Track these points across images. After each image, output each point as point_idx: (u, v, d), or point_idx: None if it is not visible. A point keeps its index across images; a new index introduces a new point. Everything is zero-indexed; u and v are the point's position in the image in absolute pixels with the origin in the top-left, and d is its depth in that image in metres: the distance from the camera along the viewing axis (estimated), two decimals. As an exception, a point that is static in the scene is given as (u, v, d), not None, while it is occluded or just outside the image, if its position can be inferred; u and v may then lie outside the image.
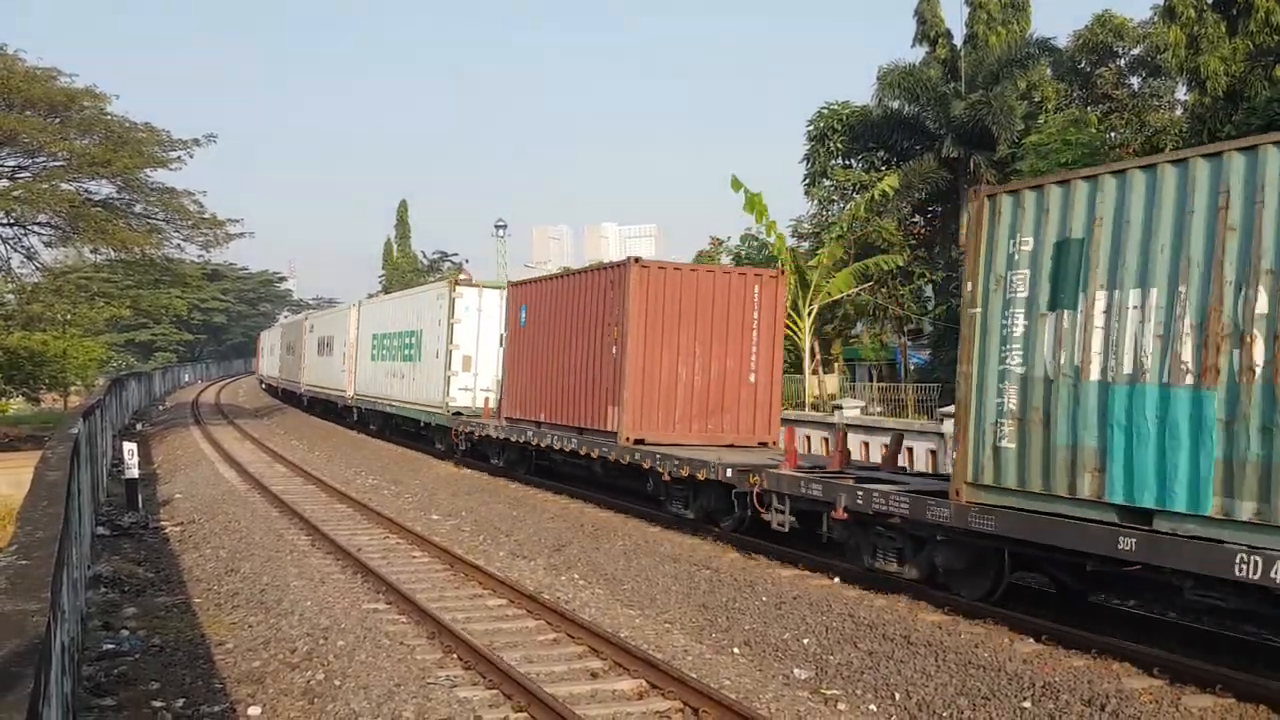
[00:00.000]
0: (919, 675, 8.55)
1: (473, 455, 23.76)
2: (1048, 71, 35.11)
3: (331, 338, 38.59)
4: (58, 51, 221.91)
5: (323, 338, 40.56)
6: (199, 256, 38.77)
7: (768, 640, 9.65)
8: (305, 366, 43.81)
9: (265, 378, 62.82)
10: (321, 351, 40.63)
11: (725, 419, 16.85)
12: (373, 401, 31.54)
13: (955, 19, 37.47)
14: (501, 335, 23.12)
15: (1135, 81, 35.08)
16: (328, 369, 38.97)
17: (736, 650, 9.49)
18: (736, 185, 27.46)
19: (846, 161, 36.31)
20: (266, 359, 63.14)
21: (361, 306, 35.75)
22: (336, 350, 37.24)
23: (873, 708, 8.04)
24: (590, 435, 17.69)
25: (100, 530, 15.05)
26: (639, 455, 15.90)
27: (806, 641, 9.54)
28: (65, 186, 31.38)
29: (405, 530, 15.28)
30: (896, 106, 34.79)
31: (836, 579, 11.91)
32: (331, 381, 37.88)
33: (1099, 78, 34.93)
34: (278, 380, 54.28)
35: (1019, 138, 30.63)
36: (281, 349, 53.63)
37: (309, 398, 42.85)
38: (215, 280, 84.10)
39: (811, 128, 36.30)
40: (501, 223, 71.31)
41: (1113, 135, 31.02)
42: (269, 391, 58.74)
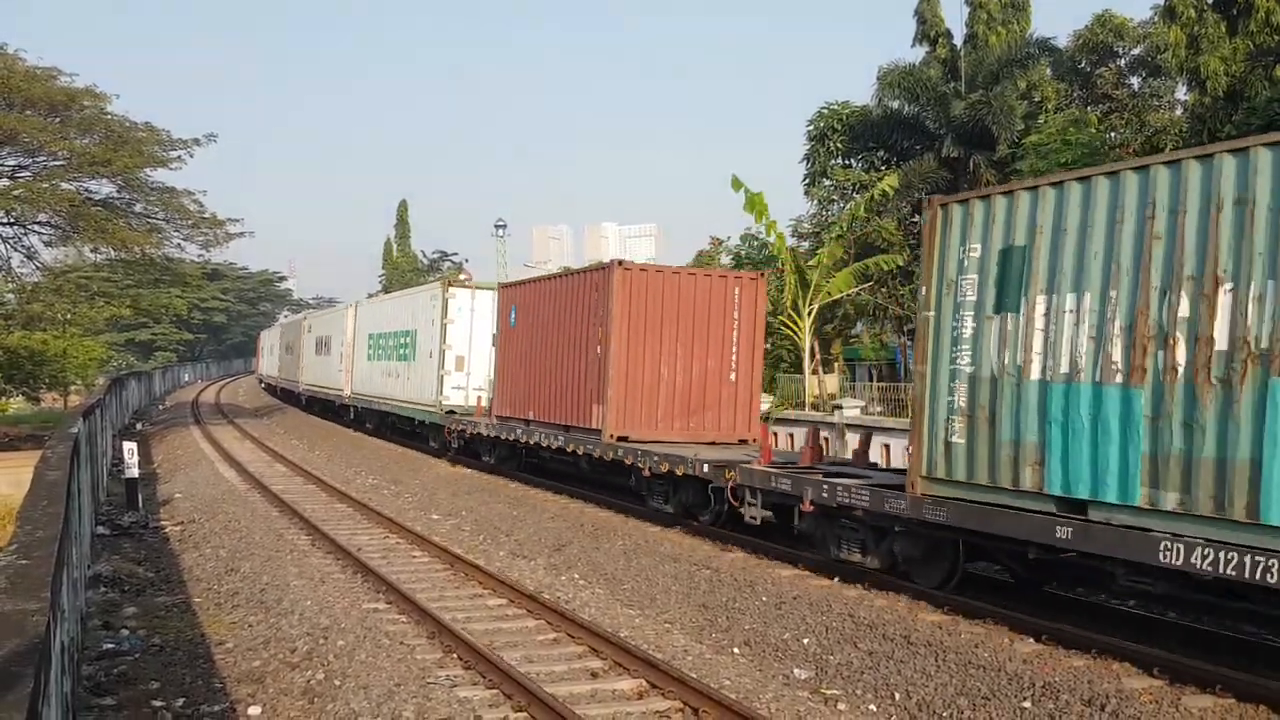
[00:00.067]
0: (919, 675, 8.55)
1: (465, 453, 24.10)
2: (1048, 71, 35.10)
3: (329, 338, 38.79)
4: (58, 51, 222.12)
5: (320, 337, 40.78)
6: (199, 256, 38.85)
7: (768, 640, 9.65)
8: (304, 366, 44.01)
9: (265, 377, 62.91)
10: (319, 351, 40.86)
11: (707, 417, 17.32)
12: (369, 400, 31.77)
13: (955, 19, 37.50)
14: (494, 335, 23.38)
15: (1135, 81, 35.08)
16: (325, 368, 39.16)
17: (736, 650, 9.50)
18: (737, 185, 27.46)
19: (846, 161, 36.27)
20: (266, 359, 63.29)
21: (358, 307, 35.98)
22: (334, 350, 37.44)
23: (872, 707, 8.04)
24: (576, 433, 18.06)
25: (100, 530, 15.05)
26: (621, 452, 16.30)
27: (806, 641, 9.54)
28: (65, 186, 31.39)
29: (405, 530, 15.28)
30: (896, 106, 34.77)
31: (836, 579, 11.91)
32: (329, 381, 38.08)
33: (1099, 78, 34.92)
34: (277, 380, 54.53)
35: (1019, 138, 30.62)
36: (281, 349, 53.88)
37: (307, 397, 43.15)
38: (215, 280, 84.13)
39: (811, 127, 36.27)
40: (501, 222, 71.40)
41: (1113, 135, 31.01)
42: (269, 391, 58.76)
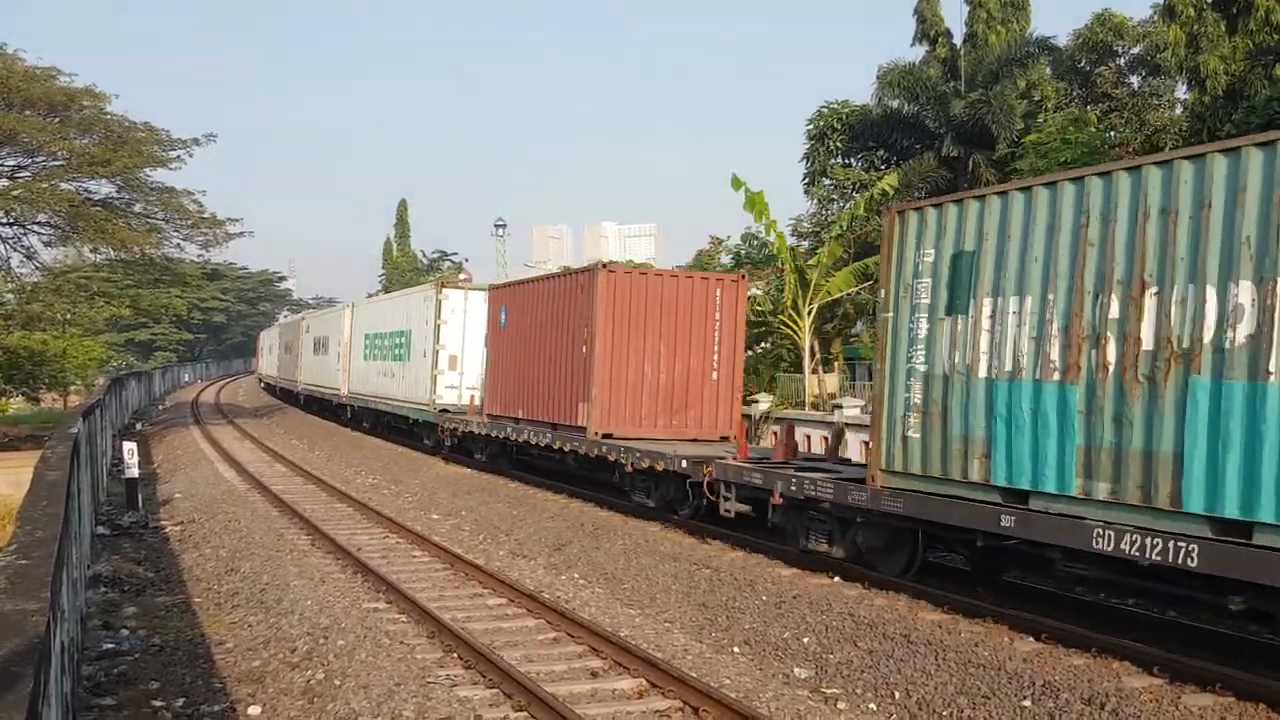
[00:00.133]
0: (919, 674, 8.55)
1: (458, 451, 24.50)
2: (1047, 70, 35.06)
3: (327, 338, 39.15)
4: (58, 51, 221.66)
5: (318, 338, 41.17)
6: (199, 256, 38.89)
7: (768, 639, 9.65)
8: (302, 366, 44.39)
9: (264, 377, 63.03)
10: (317, 351, 41.26)
11: (689, 414, 17.87)
12: (365, 400, 32.14)
13: (955, 18, 37.36)
14: (486, 335, 23.72)
15: (1135, 80, 35.05)
16: (323, 368, 39.52)
17: (736, 649, 9.50)
18: (737, 184, 27.42)
19: (846, 160, 36.24)
20: (266, 359, 63.47)
21: (355, 308, 36.39)
22: (331, 350, 37.85)
23: (872, 706, 8.04)
24: (563, 430, 18.54)
25: (100, 530, 15.04)
26: (606, 449, 16.87)
27: (806, 640, 9.54)
28: (65, 186, 31.38)
29: (405, 530, 15.28)
30: (896, 105, 34.74)
31: (836, 578, 11.92)
32: (327, 380, 38.47)
33: (1099, 77, 34.89)
34: (276, 379, 54.88)
35: (1018, 137, 30.59)
36: (280, 349, 54.33)
37: (305, 396, 43.52)
38: (215, 280, 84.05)
39: (811, 127, 36.24)
40: (501, 222, 71.39)
41: (1112, 134, 30.96)
42: (268, 391, 58.78)
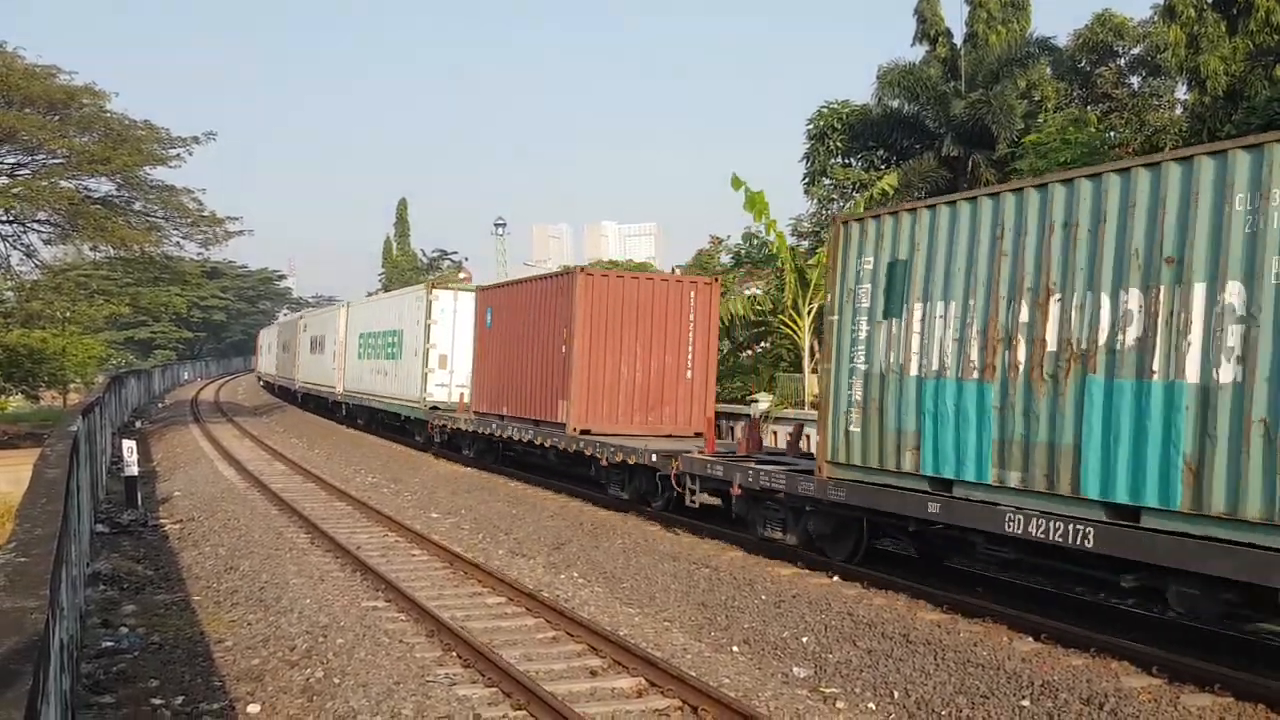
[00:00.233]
0: (918, 673, 8.56)
1: (448, 447, 25.12)
2: (1047, 70, 35.02)
3: (323, 337, 39.71)
4: (58, 51, 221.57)
5: (315, 337, 41.77)
6: (198, 254, 39.00)
7: (767, 638, 9.66)
8: (299, 364, 44.95)
9: (264, 375, 63.19)
10: (314, 350, 41.83)
11: (665, 411, 18.60)
12: (359, 397, 32.75)
13: (955, 18, 37.30)
14: (473, 335, 24.21)
15: (1135, 81, 35.02)
16: (320, 366, 40.09)
17: (735, 648, 9.50)
18: (737, 184, 27.39)
19: (846, 160, 36.19)
20: (265, 357, 63.66)
21: (350, 307, 36.99)
22: (327, 348, 38.47)
23: (871, 706, 8.04)
24: (545, 427, 19.28)
25: (99, 528, 15.04)
26: (583, 444, 17.59)
27: (805, 640, 9.55)
28: (64, 184, 31.39)
29: (404, 528, 15.28)
30: (896, 105, 34.70)
31: (835, 577, 11.93)
32: (323, 378, 39.10)
33: (1099, 77, 34.87)
34: (275, 377, 55.33)
35: (1019, 137, 30.56)
36: (278, 347, 54.91)
37: (302, 394, 44.18)
38: (215, 278, 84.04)
39: (811, 126, 36.19)
40: (501, 221, 71.58)
41: (1112, 134, 30.95)
42: (267, 389, 58.81)
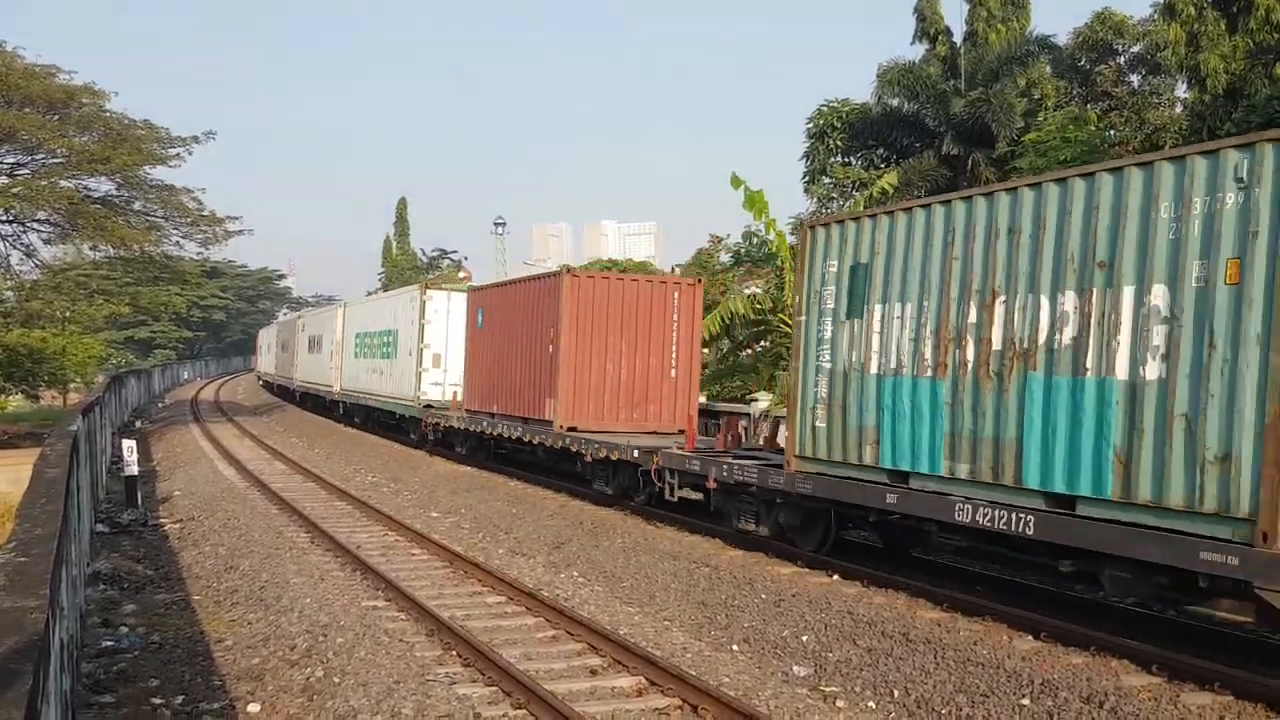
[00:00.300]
0: (918, 672, 8.56)
1: (442, 445, 25.48)
2: (1047, 69, 34.99)
3: (321, 336, 40.09)
4: (57, 51, 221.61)
5: (313, 336, 42.18)
6: (198, 254, 38.99)
7: (767, 637, 9.66)
8: (298, 364, 45.39)
9: (263, 374, 63.28)
10: (312, 349, 42.22)
11: (649, 409, 18.99)
12: (356, 396, 33.15)
13: (955, 16, 37.30)
14: (465, 335, 24.56)
15: (1135, 79, 35.00)
16: (317, 365, 40.50)
17: (735, 647, 9.50)
18: (736, 182, 27.38)
19: (846, 159, 36.16)
20: (264, 356, 63.84)
21: (346, 307, 37.42)
22: (325, 348, 38.88)
23: (871, 705, 8.04)
24: (533, 424, 19.75)
25: (99, 527, 15.04)
26: (569, 441, 18.03)
27: (805, 639, 9.55)
28: (64, 183, 31.37)
29: (404, 527, 15.28)
30: (896, 104, 34.68)
31: (835, 576, 11.93)
32: (320, 377, 39.52)
33: (1099, 75, 34.83)
34: (274, 377, 55.75)
35: (1019, 135, 30.56)
36: (277, 346, 55.29)
37: (301, 393, 44.62)
38: (214, 277, 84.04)
39: (811, 125, 36.16)
40: (501, 220, 71.65)
41: (1112, 133, 30.93)
42: (267, 388, 58.82)
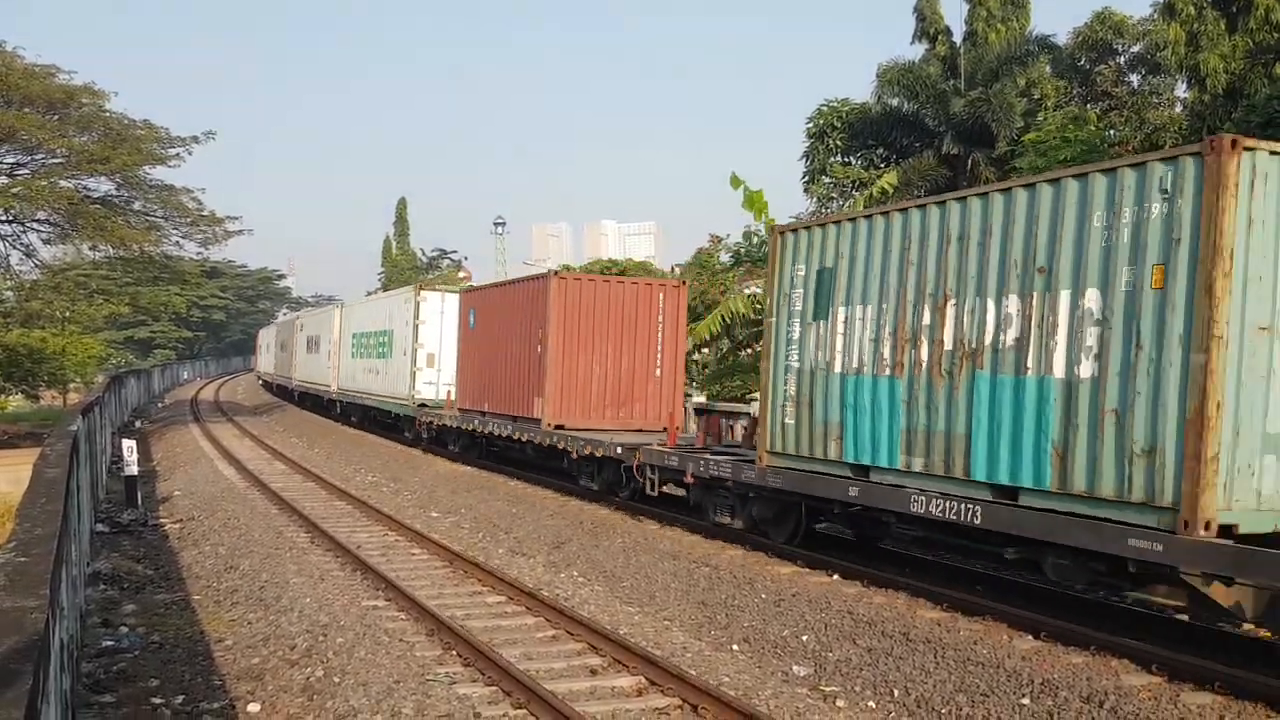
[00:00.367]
0: (918, 672, 8.56)
1: (436, 443, 25.89)
2: (1047, 69, 34.99)
3: (319, 336, 40.41)
4: (57, 51, 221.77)
5: (311, 336, 42.52)
6: (198, 254, 39.05)
7: (767, 637, 9.66)
8: (296, 364, 45.74)
9: (263, 374, 63.36)
10: (310, 349, 42.54)
11: (635, 408, 19.45)
12: (353, 395, 33.48)
13: (955, 16, 37.27)
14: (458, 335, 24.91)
15: (1135, 79, 35.00)
16: (316, 365, 40.81)
17: (735, 647, 9.50)
18: (736, 182, 27.37)
19: (846, 159, 36.16)
20: (264, 356, 64.03)
21: (343, 308, 37.82)
22: (323, 348, 39.23)
23: (871, 704, 8.04)
24: (522, 422, 20.16)
25: (99, 527, 15.04)
26: (556, 438, 18.48)
27: (805, 638, 9.55)
28: (64, 183, 31.38)
29: (404, 527, 15.28)
30: (896, 104, 34.68)
31: (835, 576, 11.93)
32: (318, 377, 39.87)
33: (1098, 75, 34.83)
34: (273, 377, 56.06)
35: (1018, 135, 30.56)
36: (277, 347, 55.53)
37: (299, 392, 44.95)
38: (214, 277, 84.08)
39: (811, 125, 36.16)
40: (501, 220, 71.77)
41: (1112, 133, 30.93)
42: (267, 388, 58.85)
